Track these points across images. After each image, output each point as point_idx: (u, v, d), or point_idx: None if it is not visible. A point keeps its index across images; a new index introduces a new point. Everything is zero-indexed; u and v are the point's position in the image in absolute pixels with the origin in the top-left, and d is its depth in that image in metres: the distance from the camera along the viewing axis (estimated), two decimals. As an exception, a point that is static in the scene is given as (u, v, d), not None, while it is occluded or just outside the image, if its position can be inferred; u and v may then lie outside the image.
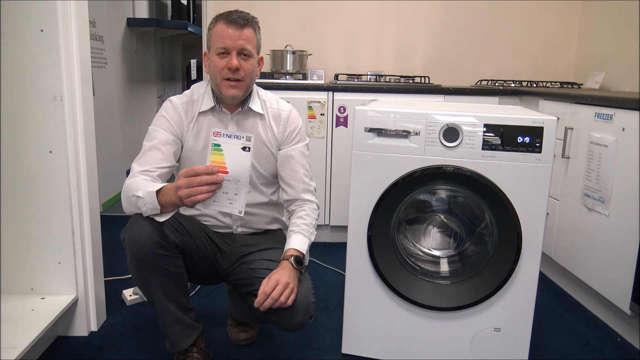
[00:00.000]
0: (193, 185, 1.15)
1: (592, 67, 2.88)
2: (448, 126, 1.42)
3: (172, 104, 1.47)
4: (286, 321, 1.35)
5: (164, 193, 1.23)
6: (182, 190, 1.16)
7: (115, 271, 2.16)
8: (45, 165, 1.56)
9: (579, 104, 2.00)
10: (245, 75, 1.39)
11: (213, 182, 1.15)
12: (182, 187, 1.16)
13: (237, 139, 1.17)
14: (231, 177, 1.17)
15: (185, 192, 1.15)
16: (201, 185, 1.15)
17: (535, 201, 1.41)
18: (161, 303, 1.37)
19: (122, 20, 3.81)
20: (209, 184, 1.15)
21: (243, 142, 1.17)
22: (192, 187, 1.15)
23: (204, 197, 1.15)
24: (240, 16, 1.38)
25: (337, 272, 2.28)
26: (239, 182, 1.18)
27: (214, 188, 1.16)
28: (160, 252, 1.29)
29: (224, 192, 1.18)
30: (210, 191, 1.16)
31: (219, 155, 1.17)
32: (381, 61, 3.07)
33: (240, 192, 1.18)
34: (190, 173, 1.16)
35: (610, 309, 1.85)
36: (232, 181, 1.18)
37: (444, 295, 1.50)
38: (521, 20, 3.05)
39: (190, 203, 1.16)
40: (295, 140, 1.51)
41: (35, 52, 1.51)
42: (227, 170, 1.17)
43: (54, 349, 1.62)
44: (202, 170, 1.15)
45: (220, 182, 1.16)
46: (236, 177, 1.18)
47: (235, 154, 1.17)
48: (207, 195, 1.16)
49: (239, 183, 1.18)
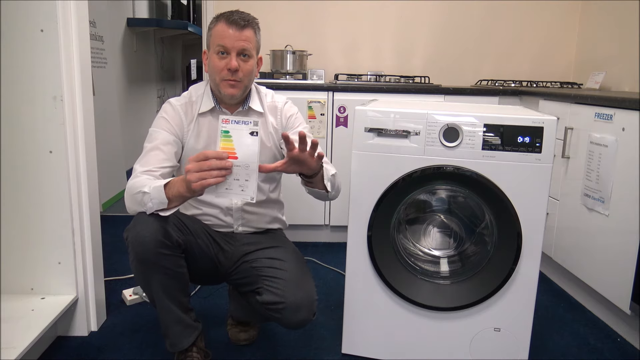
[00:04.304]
0: (203, 169, 1.13)
1: (592, 67, 2.88)
2: (448, 126, 1.42)
3: (171, 106, 1.47)
4: (289, 318, 1.36)
5: (171, 186, 1.23)
6: (191, 174, 1.14)
7: (115, 271, 2.16)
8: (45, 165, 1.56)
9: (579, 104, 2.00)
10: (244, 76, 1.40)
11: (223, 167, 1.14)
12: (191, 170, 1.14)
13: (245, 124, 1.17)
14: (241, 163, 1.17)
15: (196, 175, 1.14)
16: (211, 169, 1.13)
17: (535, 201, 1.41)
18: (162, 302, 1.37)
19: (122, 20, 3.81)
20: (219, 168, 1.14)
21: (251, 127, 1.17)
22: (202, 170, 1.14)
23: (213, 182, 1.14)
24: (241, 17, 1.38)
25: (337, 272, 2.27)
26: (249, 167, 1.18)
27: (224, 173, 1.15)
28: (163, 252, 1.30)
29: (235, 179, 1.18)
30: (220, 176, 1.14)
31: (228, 142, 1.17)
32: (381, 61, 3.07)
33: (251, 178, 1.18)
34: (201, 157, 1.15)
35: (610, 309, 1.85)
36: (242, 167, 1.17)
37: (444, 295, 1.50)
38: (521, 20, 3.05)
39: (200, 187, 1.14)
40: (297, 124, 1.54)
41: (35, 52, 1.51)
42: (236, 156, 1.17)
43: (54, 349, 1.62)
44: (212, 154, 1.14)
45: (230, 167, 1.15)
46: (246, 162, 1.17)
47: (244, 139, 1.17)
48: (217, 180, 1.14)
49: (249, 168, 1.18)
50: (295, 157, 1.23)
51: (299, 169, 1.28)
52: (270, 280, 1.39)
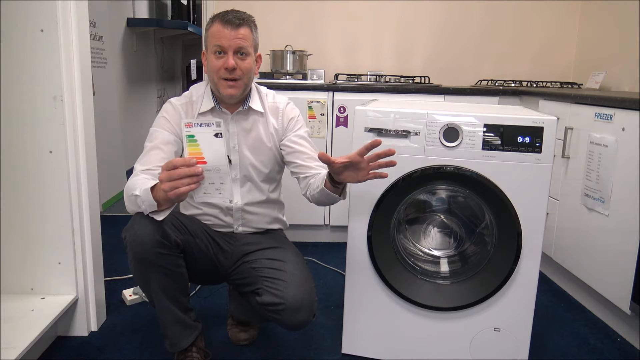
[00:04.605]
0: (173, 178, 1.12)
1: (592, 67, 2.88)
2: (448, 126, 1.42)
3: (172, 105, 1.47)
4: (289, 319, 1.36)
5: (157, 189, 1.21)
6: (164, 183, 1.13)
7: (115, 271, 2.16)
8: (45, 165, 1.56)
9: (579, 104, 2.00)
10: (242, 75, 1.40)
11: (192, 173, 1.11)
12: (163, 180, 1.13)
13: (208, 126, 1.13)
14: (211, 167, 1.14)
15: (168, 185, 1.12)
16: (181, 177, 1.11)
17: (535, 201, 1.41)
18: (161, 302, 1.37)
19: (122, 20, 3.81)
20: (189, 176, 1.12)
21: (214, 128, 1.13)
22: (172, 180, 1.12)
23: (186, 190, 1.12)
24: (236, 16, 1.39)
25: (337, 272, 2.27)
26: (220, 170, 1.15)
27: (195, 180, 1.13)
28: (161, 251, 1.30)
29: (210, 183, 1.16)
30: (192, 183, 1.12)
31: (194, 147, 1.14)
32: (381, 61, 3.07)
33: (225, 180, 1.16)
34: (170, 166, 1.13)
35: (610, 309, 1.85)
36: (213, 170, 1.15)
37: (444, 295, 1.50)
38: (521, 21, 3.05)
39: (174, 196, 1.13)
40: (297, 127, 1.53)
41: (35, 52, 1.51)
42: (205, 161, 1.14)
43: (54, 349, 1.62)
44: (180, 162, 1.12)
45: (200, 174, 1.13)
46: (215, 166, 1.14)
47: (210, 142, 1.14)
48: (190, 187, 1.12)
49: (220, 172, 1.15)
50: (356, 162, 1.21)
51: (344, 172, 1.25)
52: (270, 281, 1.39)
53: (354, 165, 1.23)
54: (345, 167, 1.24)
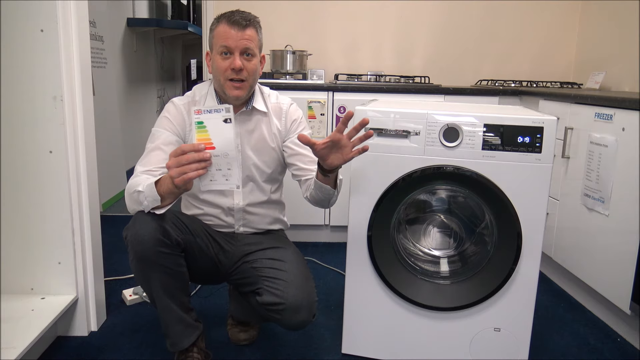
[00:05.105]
0: (182, 164, 1.12)
1: (592, 67, 2.88)
2: (448, 126, 1.42)
3: (174, 105, 1.48)
4: (289, 319, 1.36)
5: (162, 183, 1.22)
6: (172, 170, 1.14)
7: (115, 271, 2.16)
8: (45, 165, 1.56)
9: (579, 104, 2.00)
10: (248, 75, 1.41)
11: (201, 158, 1.12)
12: (171, 166, 1.14)
13: (217, 112, 1.14)
14: (219, 152, 1.15)
15: (176, 171, 1.13)
16: (190, 162, 1.12)
17: (535, 201, 1.41)
18: (162, 301, 1.37)
19: (122, 20, 3.81)
20: (198, 161, 1.13)
21: (223, 114, 1.14)
22: (181, 165, 1.13)
23: (194, 175, 1.13)
24: (242, 17, 1.39)
25: (337, 272, 2.27)
26: (228, 155, 1.15)
27: (204, 165, 1.14)
28: (162, 250, 1.30)
29: (218, 169, 1.16)
30: (201, 168, 1.13)
31: (203, 133, 1.15)
32: (381, 61, 3.07)
33: (233, 166, 1.16)
34: (178, 152, 1.14)
35: (610, 309, 1.85)
36: (222, 156, 1.15)
37: (444, 295, 1.50)
38: (521, 21, 3.05)
39: (182, 182, 1.13)
40: (300, 129, 1.54)
41: (35, 52, 1.51)
42: (213, 146, 1.15)
43: (54, 349, 1.62)
44: (189, 147, 1.13)
45: (208, 159, 1.14)
46: (224, 151, 1.15)
47: (218, 127, 1.14)
48: (198, 172, 1.13)
49: (229, 157, 1.16)
50: (337, 140, 1.23)
51: (329, 155, 1.26)
52: (270, 281, 1.39)
53: (336, 145, 1.24)
54: (329, 149, 1.25)
